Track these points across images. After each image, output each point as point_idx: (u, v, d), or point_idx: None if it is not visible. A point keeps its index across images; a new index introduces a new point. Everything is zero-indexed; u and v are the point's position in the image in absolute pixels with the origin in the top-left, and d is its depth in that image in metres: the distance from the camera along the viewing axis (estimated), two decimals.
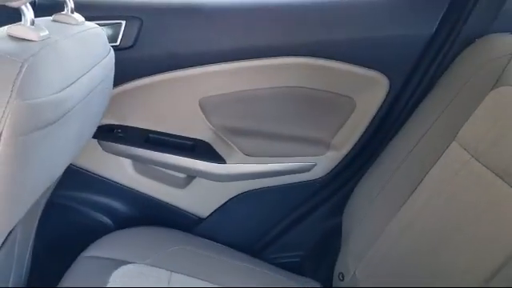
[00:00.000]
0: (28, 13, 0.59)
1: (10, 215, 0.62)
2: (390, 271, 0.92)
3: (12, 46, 0.56)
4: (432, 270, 0.84)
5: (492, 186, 0.79)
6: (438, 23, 1.05)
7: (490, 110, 0.88)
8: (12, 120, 0.51)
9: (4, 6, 0.58)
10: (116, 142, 1.13)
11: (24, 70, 0.52)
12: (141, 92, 1.10)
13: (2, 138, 0.50)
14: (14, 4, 0.58)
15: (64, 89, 0.60)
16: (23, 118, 0.52)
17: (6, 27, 0.60)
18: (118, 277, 0.93)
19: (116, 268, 0.95)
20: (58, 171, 0.74)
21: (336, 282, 1.05)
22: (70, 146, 0.71)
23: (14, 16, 0.61)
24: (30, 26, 0.60)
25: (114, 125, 1.13)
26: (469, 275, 0.77)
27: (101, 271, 0.94)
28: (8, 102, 0.50)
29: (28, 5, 0.59)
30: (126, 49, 1.02)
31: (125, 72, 0.98)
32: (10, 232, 0.72)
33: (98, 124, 0.90)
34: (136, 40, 1.03)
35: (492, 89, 0.89)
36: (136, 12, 1.03)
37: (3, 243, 0.72)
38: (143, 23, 1.03)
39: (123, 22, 1.02)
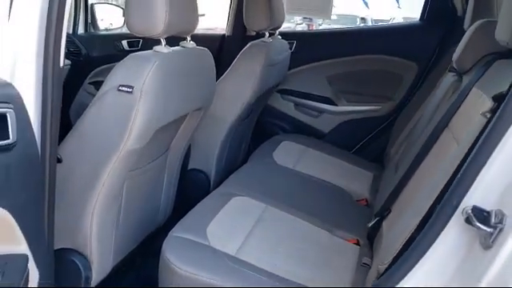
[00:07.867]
0: (268, 38, 1.99)
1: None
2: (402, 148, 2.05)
3: (258, 42, 1.95)
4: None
5: None
6: (437, 41, 2.21)
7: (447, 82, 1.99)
8: (261, 57, 1.88)
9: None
10: (286, 95, 2.51)
11: (266, 49, 1.90)
12: (297, 73, 2.46)
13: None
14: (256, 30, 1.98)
15: (278, 55, 2.00)
16: (265, 58, 1.89)
17: (257, 41, 1.99)
18: (285, 142, 2.25)
19: (282, 142, 2.27)
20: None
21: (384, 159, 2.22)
22: (277, 79, 2.12)
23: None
24: (268, 39, 1.99)
25: (286, 88, 2.51)
26: None
27: (277, 140, 2.27)
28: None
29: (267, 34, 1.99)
30: (292, 53, 2.38)
31: (290, 63, 2.34)
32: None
33: (281, 78, 2.27)
34: (296, 49, 2.41)
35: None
36: (299, 36, 2.43)
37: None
38: (299, 40, 2.41)
39: (294, 41, 2.41)
